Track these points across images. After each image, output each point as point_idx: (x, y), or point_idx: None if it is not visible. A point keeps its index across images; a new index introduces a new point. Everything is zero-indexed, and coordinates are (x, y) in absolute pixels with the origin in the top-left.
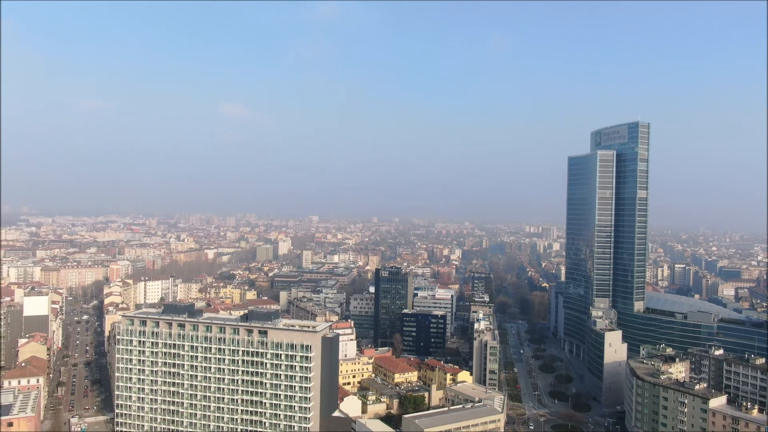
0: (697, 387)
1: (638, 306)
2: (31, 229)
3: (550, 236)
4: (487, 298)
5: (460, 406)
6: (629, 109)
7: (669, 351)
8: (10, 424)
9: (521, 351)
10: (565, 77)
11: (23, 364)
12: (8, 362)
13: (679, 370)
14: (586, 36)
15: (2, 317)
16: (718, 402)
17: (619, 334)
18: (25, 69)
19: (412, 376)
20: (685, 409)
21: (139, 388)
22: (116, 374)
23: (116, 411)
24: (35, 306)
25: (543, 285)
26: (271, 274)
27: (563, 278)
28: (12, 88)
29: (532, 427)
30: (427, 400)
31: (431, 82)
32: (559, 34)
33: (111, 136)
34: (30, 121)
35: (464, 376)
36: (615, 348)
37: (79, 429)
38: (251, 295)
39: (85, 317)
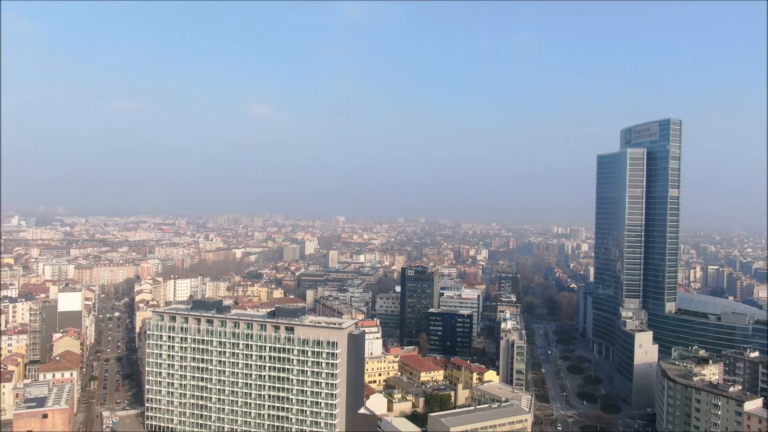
0: (731, 389)
1: (670, 307)
2: (66, 228)
3: (579, 237)
4: (514, 298)
5: (487, 405)
6: (657, 107)
7: (702, 353)
8: (45, 416)
9: (549, 351)
10: (590, 77)
11: (57, 358)
12: (43, 356)
13: (712, 372)
14: (607, 36)
15: (38, 312)
16: (753, 405)
17: (649, 335)
18: (56, 71)
19: (438, 375)
20: (719, 412)
21: (168, 383)
22: (146, 369)
23: (146, 405)
24: (69, 302)
25: (571, 286)
26: (297, 274)
27: (592, 279)
28: (42, 90)
29: (559, 428)
30: (453, 399)
31: (455, 82)
32: (582, 34)
33: (141, 137)
34: (64, 123)
35: (491, 375)
36: (645, 349)
37: (111, 422)
38: (278, 293)
39: (116, 314)
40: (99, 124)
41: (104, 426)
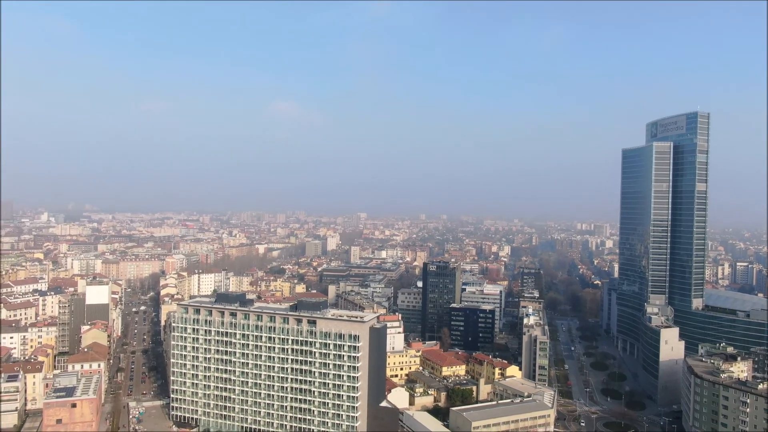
0: (760, 386)
1: (697, 303)
2: (93, 224)
3: (603, 233)
4: (536, 294)
5: (509, 400)
6: (686, 100)
7: (730, 350)
8: (74, 405)
9: (572, 348)
10: (617, 71)
11: (86, 350)
12: (72, 347)
13: (740, 369)
14: (633, 30)
15: (67, 305)
16: None
17: (675, 331)
18: (85, 71)
19: (460, 369)
20: (748, 410)
21: (193, 374)
22: (171, 361)
23: (171, 396)
24: (96, 295)
25: (595, 282)
26: (320, 269)
27: (616, 275)
28: (72, 90)
29: (583, 424)
30: (475, 393)
31: (480, 79)
32: (608, 29)
33: (168, 136)
34: (91, 123)
35: (513, 371)
36: (671, 345)
37: (137, 413)
38: (300, 288)
39: (142, 308)
40: (127, 124)
41: (131, 416)
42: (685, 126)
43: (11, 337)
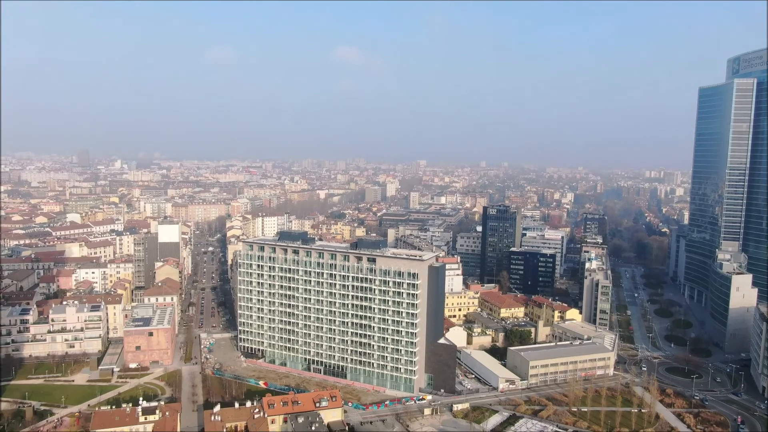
0: None
1: None
2: (163, 171)
3: (673, 181)
4: (600, 240)
5: (568, 342)
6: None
7: None
8: (151, 334)
9: (635, 295)
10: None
11: (159, 284)
12: (147, 282)
13: None
14: None
15: (141, 243)
16: None
17: (748, 278)
18: (151, 21)
19: (519, 311)
20: None
21: (258, 309)
22: (238, 296)
23: (239, 329)
24: (168, 233)
25: (663, 230)
26: (379, 214)
27: (686, 223)
28: (140, 42)
29: (644, 368)
30: (533, 335)
31: (542, 18)
32: None
33: (233, 86)
34: (163, 74)
35: (573, 314)
36: (743, 293)
37: (208, 343)
38: (360, 232)
39: (210, 249)
40: (193, 73)
41: (202, 346)
42: None
43: (93, 272)
